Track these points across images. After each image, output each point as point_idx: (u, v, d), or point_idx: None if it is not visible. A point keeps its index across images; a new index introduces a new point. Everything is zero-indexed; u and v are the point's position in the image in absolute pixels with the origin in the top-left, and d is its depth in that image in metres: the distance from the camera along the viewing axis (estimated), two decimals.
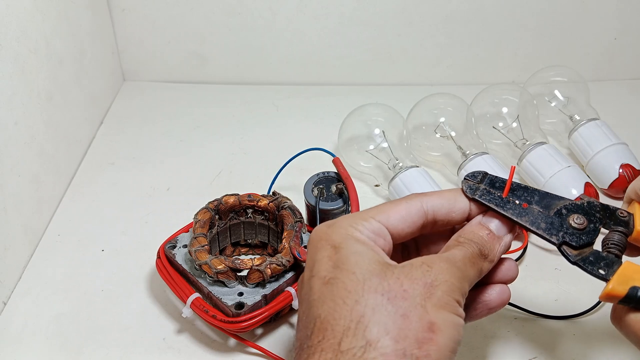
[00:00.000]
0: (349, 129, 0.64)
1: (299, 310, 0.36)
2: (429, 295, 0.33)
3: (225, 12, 0.76)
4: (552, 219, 0.37)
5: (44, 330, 0.50)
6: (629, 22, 0.75)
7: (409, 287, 0.33)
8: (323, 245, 0.36)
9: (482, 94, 0.66)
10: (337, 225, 0.37)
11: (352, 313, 0.32)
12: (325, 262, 0.35)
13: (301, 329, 0.34)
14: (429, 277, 0.34)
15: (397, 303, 0.32)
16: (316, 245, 0.36)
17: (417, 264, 0.34)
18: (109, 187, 0.65)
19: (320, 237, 0.37)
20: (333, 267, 0.34)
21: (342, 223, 0.37)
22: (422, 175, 0.58)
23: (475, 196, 0.39)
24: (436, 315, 0.32)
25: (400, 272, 0.34)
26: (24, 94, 0.57)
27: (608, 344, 0.48)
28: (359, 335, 0.31)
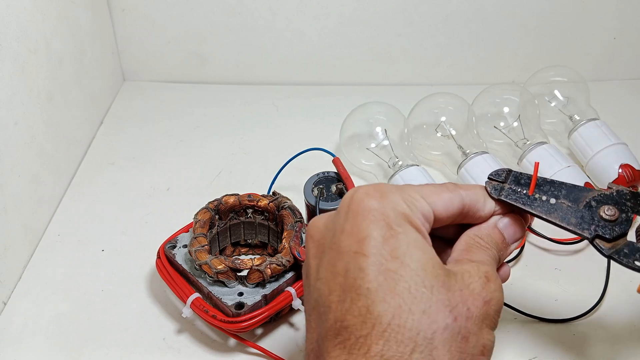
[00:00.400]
0: (350, 127, 0.65)
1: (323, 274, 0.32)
2: (485, 314, 0.31)
3: (225, 12, 0.76)
4: (582, 213, 0.36)
5: (44, 330, 0.50)
6: (628, 22, 0.75)
7: (472, 306, 0.31)
8: (376, 219, 0.31)
9: (483, 93, 0.66)
10: (390, 199, 0.32)
11: (422, 326, 0.29)
12: (381, 245, 0.31)
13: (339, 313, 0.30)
14: (487, 294, 0.32)
15: (461, 323, 0.30)
16: (365, 215, 0.32)
17: (474, 273, 0.32)
18: (109, 187, 0.65)
19: (370, 207, 0.32)
20: (391, 256, 0.30)
21: (394, 196, 0.33)
22: (421, 173, 0.59)
23: (501, 196, 0.37)
24: (487, 337, 0.31)
25: (462, 284, 0.31)
26: (24, 94, 0.57)
27: (608, 344, 0.48)
28: (426, 353, 0.29)
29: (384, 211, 0.32)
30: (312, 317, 0.33)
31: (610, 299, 0.51)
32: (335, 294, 0.31)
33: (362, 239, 0.31)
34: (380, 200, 0.32)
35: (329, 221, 0.34)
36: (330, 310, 0.31)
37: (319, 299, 0.32)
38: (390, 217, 0.32)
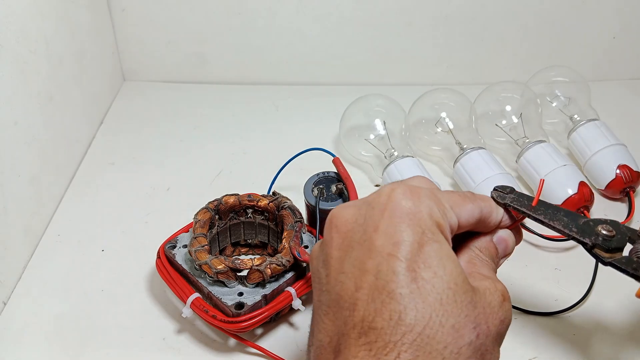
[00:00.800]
0: (350, 118, 0.66)
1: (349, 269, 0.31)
2: (499, 333, 0.31)
3: (225, 12, 0.76)
4: (583, 227, 0.37)
5: (44, 330, 0.50)
6: (628, 22, 0.75)
7: (491, 324, 0.31)
8: (412, 224, 0.31)
9: (486, 91, 0.66)
10: (426, 204, 0.32)
11: (449, 340, 0.29)
12: (416, 251, 0.30)
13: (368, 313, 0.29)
14: (503, 313, 0.32)
15: (482, 340, 0.30)
16: (402, 217, 0.31)
17: (493, 291, 0.32)
18: (109, 187, 0.65)
19: (407, 210, 0.31)
20: (425, 264, 0.30)
21: (430, 202, 0.32)
22: (415, 164, 0.59)
23: (506, 201, 0.38)
24: (497, 355, 0.32)
25: (485, 302, 0.31)
26: (24, 94, 0.57)
27: (608, 345, 0.48)
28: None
29: (421, 216, 0.32)
30: (330, 309, 0.31)
31: (609, 298, 0.51)
32: (363, 292, 0.30)
33: (397, 241, 0.31)
34: (417, 204, 0.32)
35: (358, 215, 0.33)
36: (357, 307, 0.30)
37: (341, 293, 0.31)
38: (426, 224, 0.31)
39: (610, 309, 0.51)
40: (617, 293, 0.52)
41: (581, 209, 0.56)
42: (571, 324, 0.50)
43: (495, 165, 0.59)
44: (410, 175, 0.58)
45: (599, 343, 0.48)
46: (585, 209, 0.56)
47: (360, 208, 0.33)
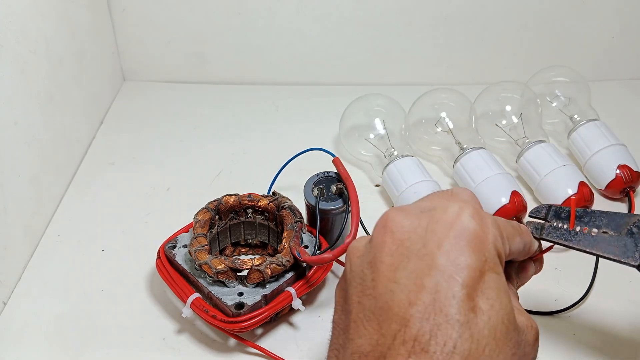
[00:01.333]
0: (350, 118, 0.66)
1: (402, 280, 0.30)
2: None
3: (225, 12, 0.76)
4: (625, 240, 0.36)
5: (44, 330, 0.50)
6: (628, 22, 0.75)
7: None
8: (478, 250, 0.30)
9: (486, 91, 0.66)
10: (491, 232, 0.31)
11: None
12: (476, 278, 0.30)
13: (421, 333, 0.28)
14: (535, 353, 0.32)
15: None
16: (469, 241, 0.30)
17: (529, 330, 0.32)
18: (109, 187, 0.65)
19: (474, 234, 0.31)
20: (482, 294, 0.29)
21: (494, 230, 0.32)
22: (415, 164, 0.59)
23: (542, 235, 0.38)
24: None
25: (525, 340, 0.31)
26: (24, 94, 0.57)
27: (608, 345, 0.48)
28: None
29: (486, 244, 0.31)
30: (374, 316, 0.30)
31: (609, 298, 0.51)
32: (417, 309, 0.29)
33: (460, 265, 0.30)
34: (484, 230, 0.31)
35: (418, 225, 0.32)
36: (409, 325, 0.29)
37: (391, 304, 0.30)
38: (490, 253, 0.31)
39: (610, 309, 0.51)
40: (617, 293, 0.52)
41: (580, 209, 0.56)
42: (571, 324, 0.50)
43: (495, 165, 0.59)
44: (409, 174, 0.58)
45: (599, 343, 0.48)
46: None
47: (421, 219, 0.32)
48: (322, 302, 0.52)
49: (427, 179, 0.58)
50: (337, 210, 0.52)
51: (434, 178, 0.59)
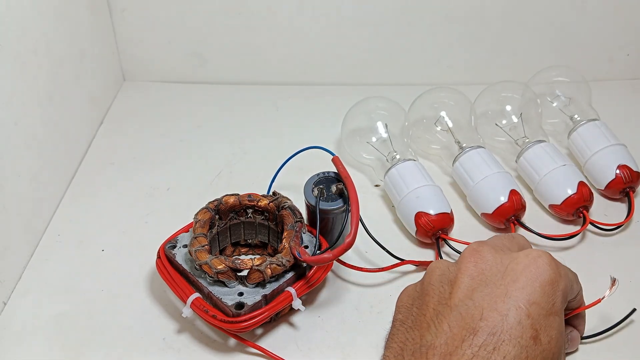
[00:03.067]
0: (352, 121, 0.66)
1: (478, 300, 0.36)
2: None
3: (225, 12, 0.76)
4: None
5: (44, 330, 0.50)
6: (628, 22, 0.75)
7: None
8: (548, 294, 0.36)
9: (486, 91, 0.66)
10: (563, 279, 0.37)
11: None
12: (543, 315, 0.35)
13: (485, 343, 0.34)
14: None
15: None
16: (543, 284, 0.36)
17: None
18: (109, 187, 0.65)
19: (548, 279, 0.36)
20: (545, 330, 0.35)
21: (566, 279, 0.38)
22: (417, 167, 0.59)
23: None
24: None
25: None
26: (24, 94, 0.57)
27: (608, 344, 0.48)
28: None
29: (557, 289, 0.36)
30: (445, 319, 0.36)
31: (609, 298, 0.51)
32: (486, 323, 0.34)
33: (531, 301, 0.35)
34: (557, 278, 0.37)
35: (499, 261, 0.38)
36: (477, 334, 0.34)
37: (465, 315, 0.35)
38: (559, 298, 0.36)
39: (610, 308, 0.51)
40: (616, 293, 0.52)
41: (580, 208, 0.56)
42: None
43: (494, 165, 0.59)
44: (410, 178, 0.58)
45: (599, 343, 0.48)
46: (584, 209, 0.56)
47: (503, 257, 0.38)
48: (322, 302, 0.52)
49: (429, 183, 0.58)
50: (337, 210, 0.52)
51: (433, 178, 0.59)
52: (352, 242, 0.47)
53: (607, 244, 0.57)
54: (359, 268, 0.53)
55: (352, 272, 0.54)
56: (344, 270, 0.54)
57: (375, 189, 0.64)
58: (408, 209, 0.56)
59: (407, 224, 0.57)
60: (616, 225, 0.57)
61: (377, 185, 0.64)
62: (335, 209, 0.52)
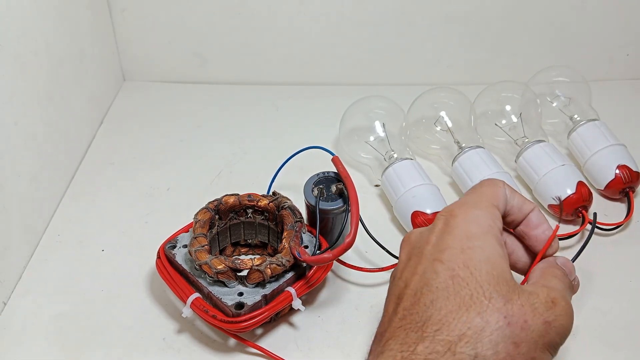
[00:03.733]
0: (350, 120, 0.66)
1: (408, 276, 0.37)
2: (544, 333, 0.34)
3: (225, 12, 0.76)
4: None
5: (44, 330, 0.50)
6: (628, 22, 0.75)
7: (530, 320, 0.34)
8: (459, 234, 0.37)
9: (486, 91, 0.66)
10: (475, 214, 0.37)
11: (473, 322, 0.33)
12: (457, 254, 0.36)
13: (411, 303, 0.35)
14: (550, 316, 0.35)
15: (515, 331, 0.34)
16: (452, 230, 0.37)
17: (542, 296, 0.35)
18: (109, 187, 0.65)
19: (457, 223, 0.37)
20: (464, 265, 0.35)
21: (479, 211, 0.38)
22: (414, 166, 0.59)
23: None
24: (540, 355, 0.34)
25: (525, 301, 0.35)
26: (24, 94, 0.57)
27: (608, 344, 0.48)
28: (471, 345, 0.33)
29: (468, 226, 0.37)
30: (390, 305, 0.38)
31: (609, 298, 0.51)
32: (410, 288, 0.36)
33: (443, 249, 0.36)
34: (465, 217, 0.37)
35: (422, 232, 0.39)
36: (402, 300, 0.36)
37: (397, 293, 0.37)
38: (472, 231, 0.37)
39: (610, 308, 0.51)
40: (616, 293, 0.52)
41: (579, 208, 0.56)
42: None
43: (493, 164, 0.59)
44: (407, 177, 0.58)
45: (599, 343, 0.48)
46: (583, 209, 0.56)
47: (424, 230, 0.39)
48: (322, 302, 0.52)
49: (425, 182, 0.58)
50: (337, 210, 0.52)
51: (432, 180, 0.59)
52: (352, 242, 0.47)
53: (606, 243, 0.57)
54: (359, 268, 0.53)
55: (352, 272, 0.54)
56: (344, 270, 0.54)
57: (375, 188, 0.64)
58: (405, 208, 0.56)
59: (404, 223, 0.57)
60: (616, 225, 0.57)
61: (377, 185, 0.64)
62: (335, 209, 0.52)
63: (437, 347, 0.33)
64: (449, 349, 0.33)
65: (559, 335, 0.35)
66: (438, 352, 0.33)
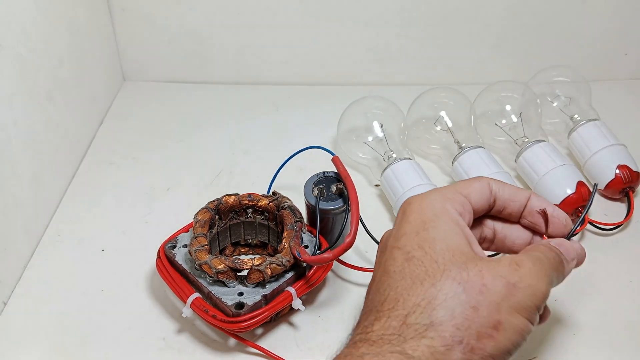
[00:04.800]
0: (348, 120, 0.65)
1: (375, 272, 0.38)
2: (508, 295, 0.34)
3: (225, 12, 0.76)
4: None
5: (44, 330, 0.50)
6: (628, 22, 0.75)
7: (489, 283, 0.34)
8: (414, 219, 0.38)
9: (486, 91, 0.66)
10: (429, 199, 0.38)
11: (427, 293, 0.34)
12: (412, 238, 0.37)
13: (374, 293, 0.37)
14: (514, 277, 0.34)
15: (472, 295, 0.34)
16: (407, 217, 0.38)
17: (505, 261, 0.35)
18: (109, 187, 0.65)
19: (412, 210, 0.38)
20: (418, 246, 0.36)
21: (434, 197, 0.38)
22: (412, 166, 0.59)
23: None
24: (507, 317, 0.33)
25: (484, 266, 0.35)
26: (24, 94, 0.57)
27: (608, 344, 0.48)
28: (426, 314, 0.33)
29: (423, 211, 0.38)
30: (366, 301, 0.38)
31: (609, 298, 0.51)
32: (374, 280, 0.38)
33: (400, 236, 0.37)
34: (421, 204, 0.38)
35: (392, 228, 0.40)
36: (368, 293, 0.38)
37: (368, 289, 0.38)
38: (427, 215, 0.37)
39: (610, 308, 0.51)
40: (616, 292, 0.52)
41: (579, 208, 0.56)
42: (571, 324, 0.50)
43: (493, 164, 0.59)
44: (406, 178, 0.58)
45: (599, 343, 0.48)
46: (583, 209, 0.56)
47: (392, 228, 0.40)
48: (322, 302, 0.52)
49: (424, 182, 0.58)
50: (337, 210, 0.52)
51: (432, 177, 0.59)
52: (352, 242, 0.47)
53: (606, 243, 0.57)
54: (359, 268, 0.53)
55: (352, 272, 0.54)
56: (344, 270, 0.54)
57: (375, 188, 0.64)
58: None
59: None
60: (616, 225, 0.57)
61: (377, 185, 0.64)
62: (335, 208, 0.52)
63: (392, 323, 0.34)
64: (404, 322, 0.33)
65: (528, 297, 0.34)
66: (394, 327, 0.33)
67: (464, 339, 0.33)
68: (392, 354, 0.32)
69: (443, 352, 0.32)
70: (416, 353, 0.32)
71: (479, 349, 0.33)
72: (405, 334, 0.33)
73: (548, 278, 0.36)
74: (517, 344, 0.34)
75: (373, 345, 0.33)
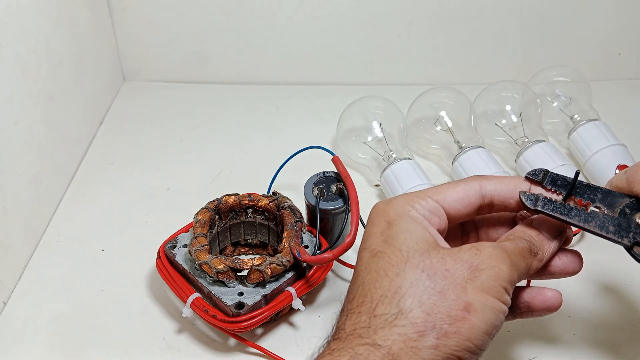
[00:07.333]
0: (347, 121, 0.65)
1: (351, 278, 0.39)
2: (472, 277, 0.34)
3: (225, 12, 0.76)
4: (619, 220, 0.37)
5: (44, 330, 0.50)
6: (628, 22, 0.75)
7: (451, 267, 0.34)
8: (379, 221, 0.38)
9: (486, 91, 0.66)
10: (394, 203, 0.39)
11: (392, 283, 0.34)
12: (377, 237, 0.37)
13: (347, 295, 0.37)
14: (475, 260, 0.35)
15: (436, 280, 0.34)
16: (373, 220, 0.39)
17: (465, 248, 0.36)
18: (109, 187, 0.65)
19: (377, 213, 0.39)
20: (383, 242, 0.37)
21: (399, 201, 0.39)
22: (412, 167, 0.59)
23: (537, 207, 0.38)
24: (475, 297, 0.34)
25: (446, 253, 0.35)
26: (24, 94, 0.57)
27: (608, 344, 0.48)
28: (394, 303, 0.34)
29: (386, 213, 0.38)
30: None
31: (609, 298, 0.51)
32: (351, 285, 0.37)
33: (366, 238, 0.38)
34: (385, 206, 0.39)
35: None
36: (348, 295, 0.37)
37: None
38: (390, 216, 0.38)
39: (611, 308, 0.51)
40: (617, 292, 0.52)
41: None
42: (571, 324, 0.50)
43: (493, 164, 0.59)
44: (406, 178, 0.58)
45: (599, 343, 0.48)
46: None
47: None
48: (322, 302, 0.52)
49: (423, 182, 0.58)
50: (337, 210, 0.52)
51: (432, 177, 0.59)
52: (352, 241, 0.47)
53: (606, 243, 0.56)
54: None
55: (352, 272, 0.54)
56: (344, 270, 0.54)
57: (374, 188, 0.64)
58: None
59: None
60: None
61: (377, 185, 0.64)
62: (335, 208, 0.52)
63: (361, 318, 0.34)
64: (372, 314, 0.34)
65: (491, 277, 0.34)
66: (363, 321, 0.34)
67: (436, 323, 0.33)
68: (362, 346, 0.33)
69: (416, 339, 0.32)
70: (387, 342, 0.33)
71: (454, 333, 0.33)
72: (374, 326, 0.33)
73: (510, 260, 0.36)
74: (492, 324, 0.34)
75: (344, 342, 0.34)
